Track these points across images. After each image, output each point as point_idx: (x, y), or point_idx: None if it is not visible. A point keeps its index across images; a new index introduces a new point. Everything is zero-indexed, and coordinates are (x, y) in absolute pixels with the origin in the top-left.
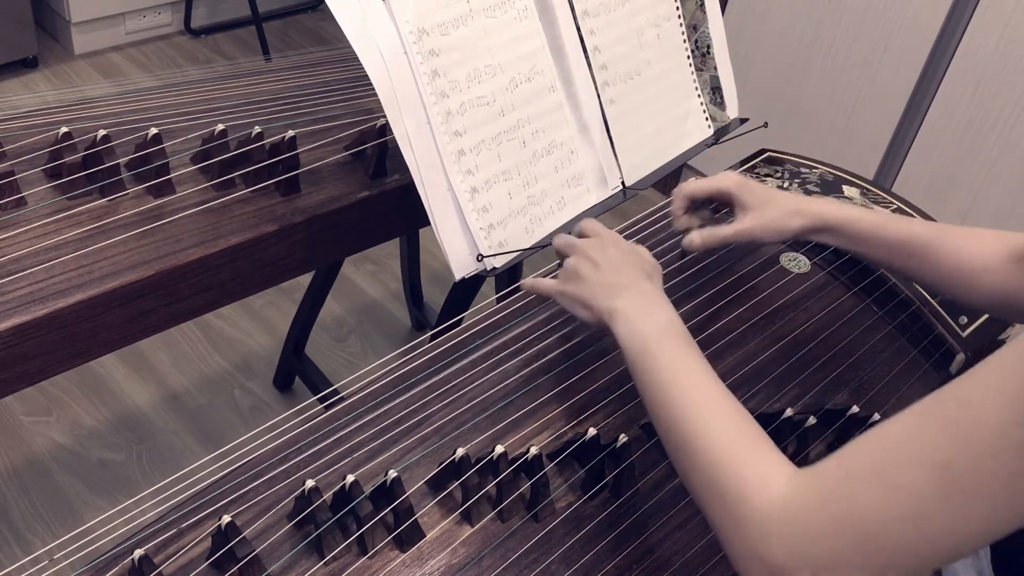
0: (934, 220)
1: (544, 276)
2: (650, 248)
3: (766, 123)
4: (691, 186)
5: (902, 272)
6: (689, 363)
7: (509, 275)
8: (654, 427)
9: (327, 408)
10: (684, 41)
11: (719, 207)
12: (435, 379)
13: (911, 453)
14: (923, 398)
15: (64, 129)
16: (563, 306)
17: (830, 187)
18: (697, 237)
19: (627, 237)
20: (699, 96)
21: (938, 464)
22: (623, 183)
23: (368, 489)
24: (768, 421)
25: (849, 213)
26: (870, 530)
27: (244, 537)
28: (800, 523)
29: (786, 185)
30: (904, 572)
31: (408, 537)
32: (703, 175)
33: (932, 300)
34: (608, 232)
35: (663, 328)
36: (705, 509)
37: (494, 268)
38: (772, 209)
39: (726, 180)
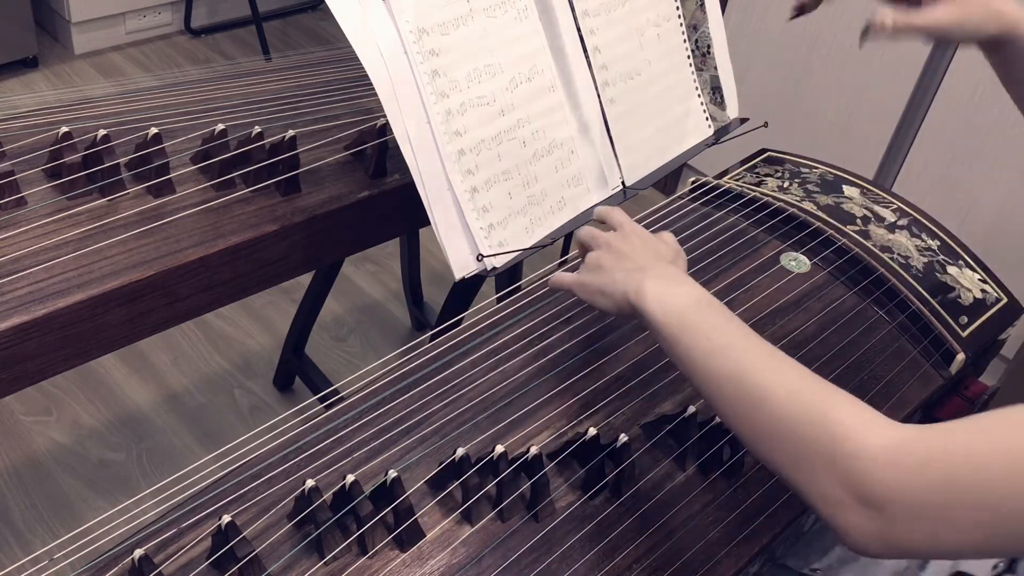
0: (936, 221)
1: (544, 277)
2: None
3: (766, 123)
4: None
5: None
6: (736, 327)
7: (509, 275)
8: (709, 401)
9: (327, 408)
10: (684, 41)
11: None
12: (435, 379)
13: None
14: None
15: (64, 129)
16: (583, 298)
17: (830, 187)
18: (889, 18)
19: None
20: (699, 96)
21: None
22: (623, 183)
23: (368, 489)
24: None
25: None
26: (989, 498)
27: (244, 537)
28: (912, 468)
29: (786, 185)
30: (1007, 547)
31: (408, 537)
32: (703, 175)
33: (932, 300)
34: (630, 222)
35: (697, 300)
36: (786, 462)
37: (494, 268)
38: (971, 4)
39: None
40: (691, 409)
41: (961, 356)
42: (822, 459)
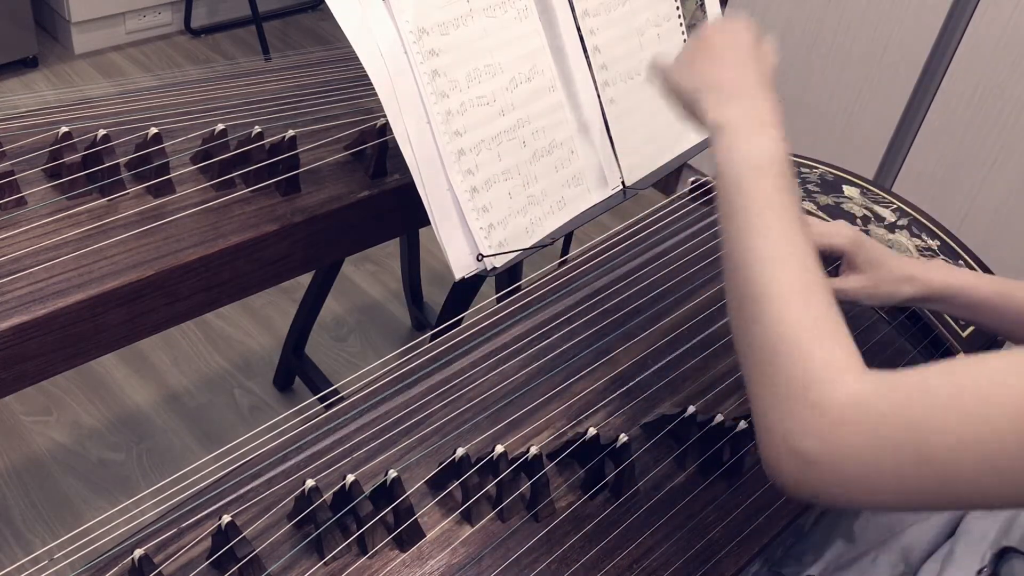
0: (936, 221)
1: (544, 277)
2: (650, 247)
3: None
4: None
5: None
6: (779, 214)
7: (509, 275)
8: (724, 265)
9: (327, 408)
10: (684, 41)
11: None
12: (435, 379)
13: (1002, 398)
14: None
15: (64, 129)
16: (667, 88)
17: (830, 187)
18: None
19: (627, 237)
20: None
21: None
22: (623, 183)
23: (368, 489)
24: None
25: (965, 280)
26: (935, 453)
27: (244, 537)
28: (860, 426)
29: None
30: (952, 503)
31: (408, 537)
32: (703, 175)
33: None
34: (739, 23)
35: (764, 162)
36: (752, 380)
37: (494, 268)
38: (883, 272)
39: (839, 237)
40: (691, 409)
41: (961, 356)
42: (781, 401)
